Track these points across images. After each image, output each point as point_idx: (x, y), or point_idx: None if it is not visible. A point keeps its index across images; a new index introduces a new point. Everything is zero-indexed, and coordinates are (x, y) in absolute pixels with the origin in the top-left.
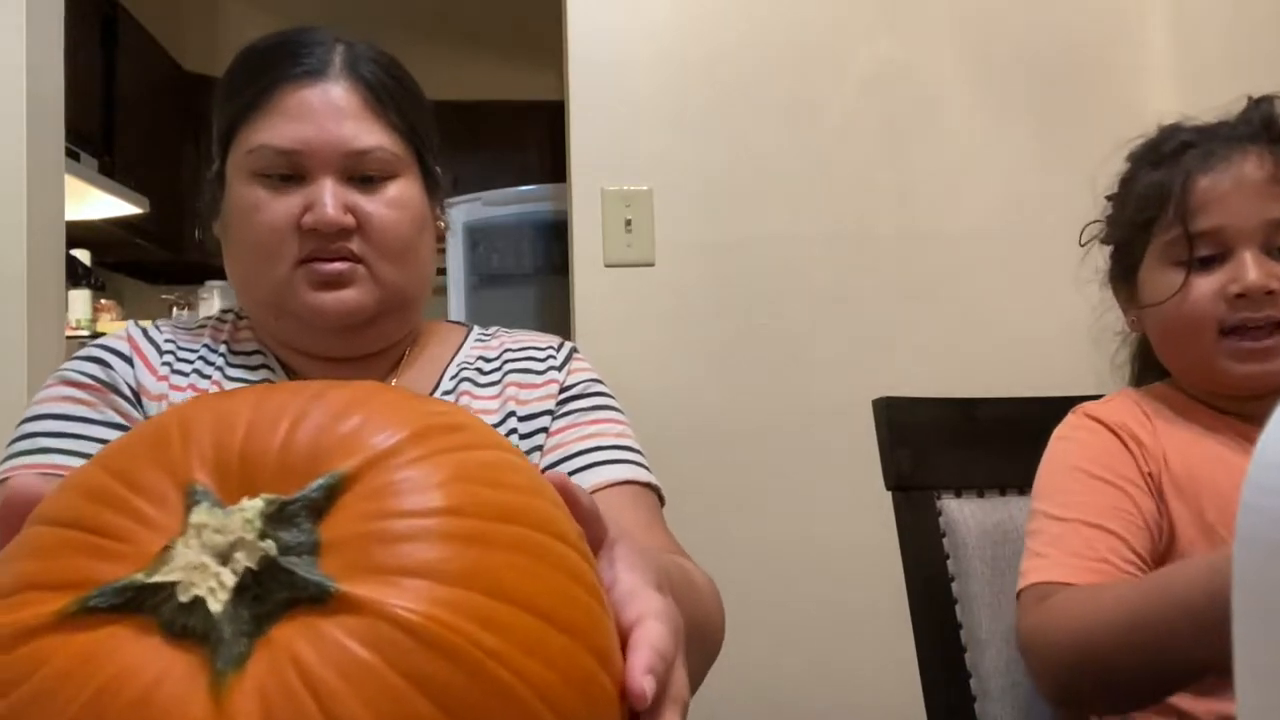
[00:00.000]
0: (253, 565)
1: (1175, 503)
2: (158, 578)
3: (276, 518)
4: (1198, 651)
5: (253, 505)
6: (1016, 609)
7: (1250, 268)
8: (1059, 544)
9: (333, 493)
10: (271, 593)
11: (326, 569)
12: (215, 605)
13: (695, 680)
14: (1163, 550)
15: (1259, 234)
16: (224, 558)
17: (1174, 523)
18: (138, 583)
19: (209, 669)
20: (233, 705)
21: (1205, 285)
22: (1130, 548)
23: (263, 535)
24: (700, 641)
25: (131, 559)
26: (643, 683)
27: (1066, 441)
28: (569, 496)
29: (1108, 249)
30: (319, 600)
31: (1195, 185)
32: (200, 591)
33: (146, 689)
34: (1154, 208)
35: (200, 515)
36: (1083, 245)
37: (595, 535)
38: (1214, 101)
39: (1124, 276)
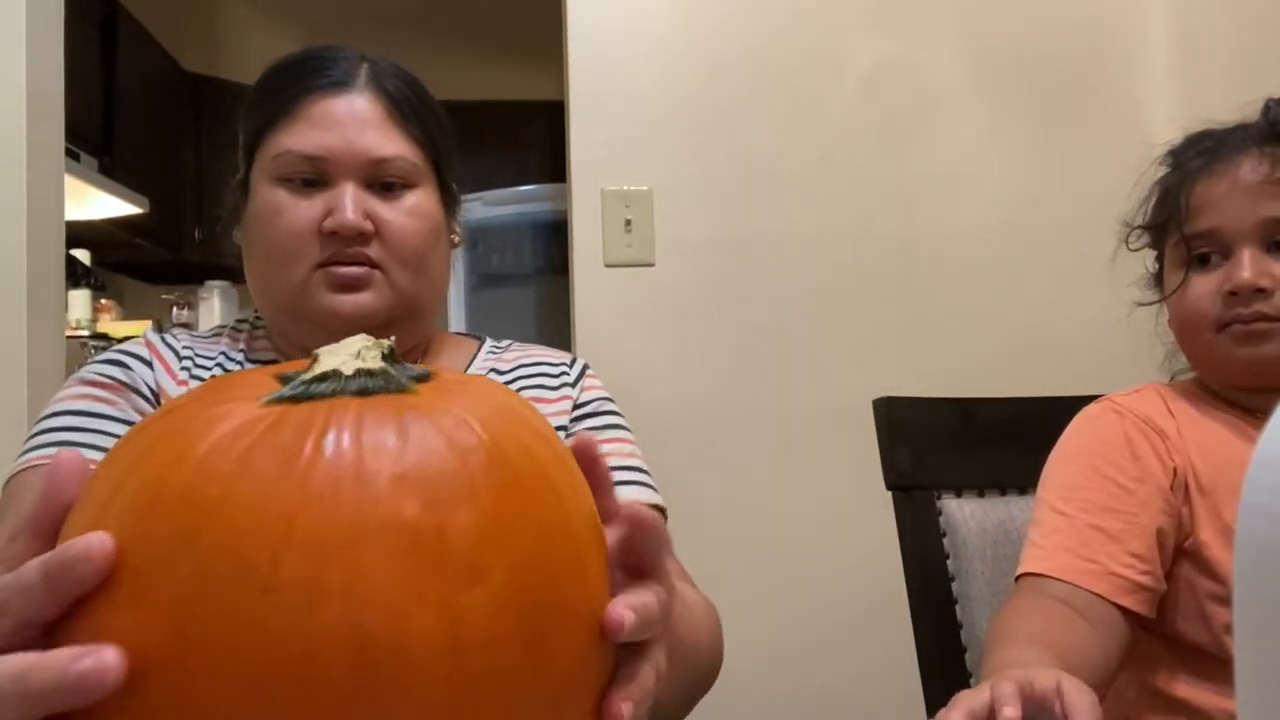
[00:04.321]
0: (377, 358)
1: (1197, 501)
2: (315, 370)
3: (388, 358)
4: None
5: (367, 344)
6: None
7: (1244, 266)
8: (1055, 536)
9: (422, 377)
10: (372, 382)
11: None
12: (346, 369)
13: (678, 701)
14: (1188, 548)
15: (1256, 232)
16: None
17: (1195, 522)
18: (304, 379)
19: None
20: (264, 409)
21: (1203, 284)
22: (1128, 550)
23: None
24: (684, 660)
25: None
26: (623, 613)
27: (1084, 432)
28: (591, 457)
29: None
30: (400, 392)
31: (1193, 189)
32: (336, 364)
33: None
34: (1164, 212)
35: (328, 349)
36: (1133, 250)
37: (606, 507)
38: (1214, 101)
39: (1157, 278)
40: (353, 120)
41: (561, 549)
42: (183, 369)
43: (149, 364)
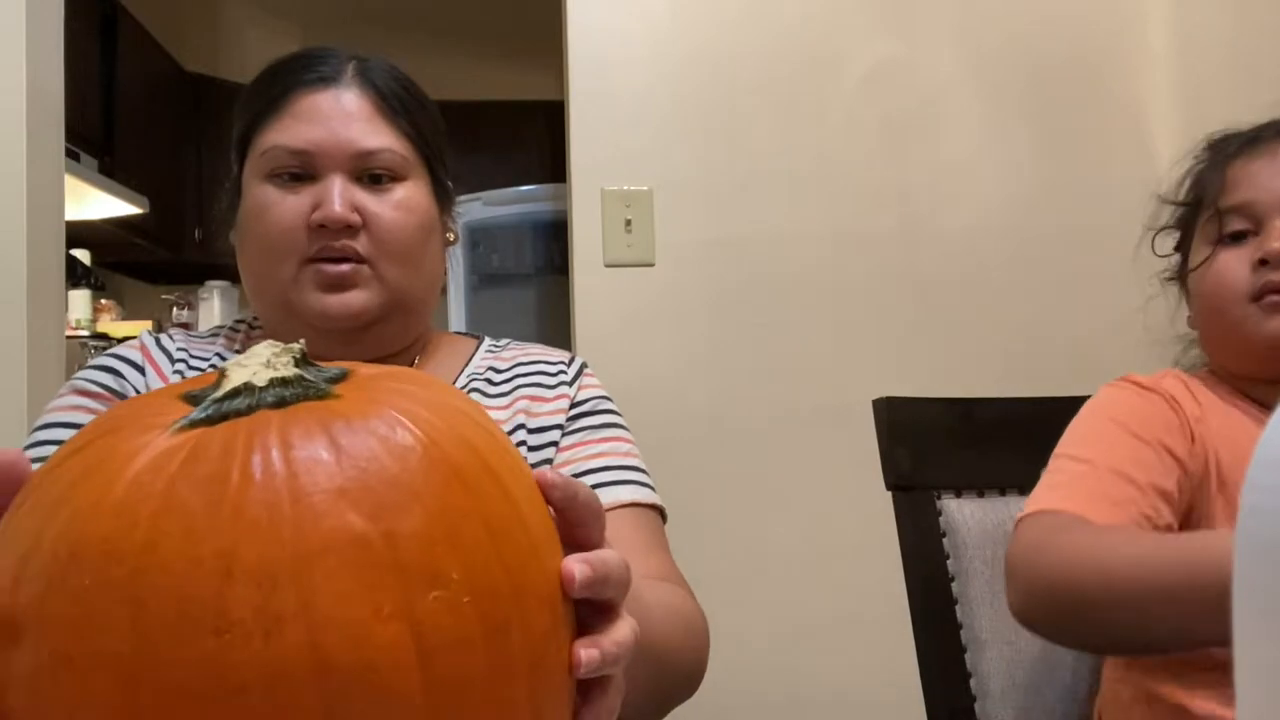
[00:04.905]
0: (290, 364)
1: (1215, 496)
2: (226, 387)
3: (300, 362)
4: (1206, 628)
5: (275, 350)
6: (1012, 534)
7: (1276, 235)
8: (1076, 482)
9: (338, 377)
10: (289, 391)
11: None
12: (258, 381)
13: (654, 703)
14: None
15: None
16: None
17: (1211, 519)
18: (215, 397)
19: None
20: (178, 436)
21: (1233, 257)
22: (1151, 503)
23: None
24: (655, 658)
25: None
26: (575, 567)
27: (1106, 399)
28: (566, 493)
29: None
30: (321, 398)
31: (1230, 166)
32: (248, 377)
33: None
34: (1196, 192)
35: (235, 360)
36: (1160, 255)
37: (591, 537)
38: (1214, 101)
39: (1181, 269)
40: (339, 114)
41: (513, 538)
42: (175, 372)
43: (141, 369)
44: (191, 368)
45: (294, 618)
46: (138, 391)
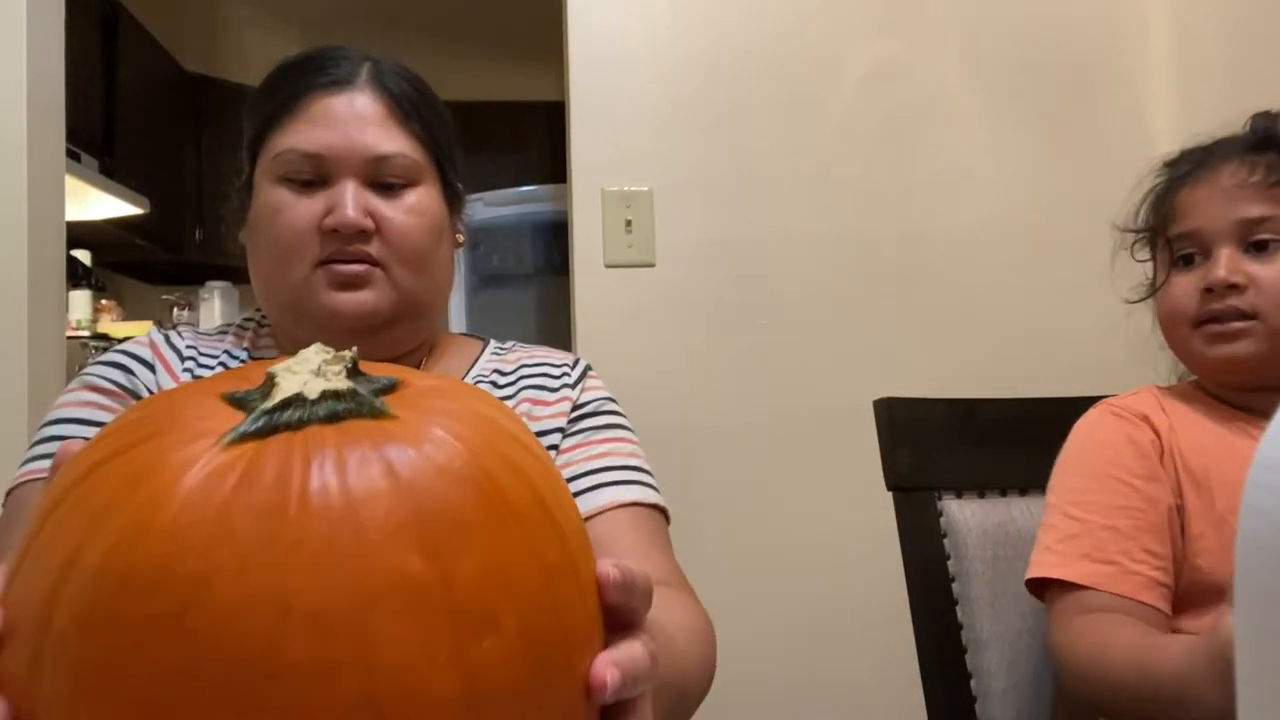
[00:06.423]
0: (342, 374)
1: (1190, 495)
2: (277, 397)
3: (351, 373)
4: (1182, 714)
5: (326, 357)
6: (1048, 613)
7: (1220, 265)
8: (1071, 543)
9: (388, 388)
10: (341, 406)
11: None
12: (310, 393)
13: None
14: (1184, 543)
15: (1233, 233)
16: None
17: (1187, 515)
18: (266, 408)
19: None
20: (228, 451)
21: (1183, 283)
22: (1141, 546)
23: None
24: (678, 694)
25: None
26: (605, 673)
27: (1088, 437)
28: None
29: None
30: (375, 416)
31: (1178, 194)
32: (299, 387)
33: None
34: (1152, 217)
35: (284, 366)
36: (1139, 261)
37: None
38: (1213, 103)
39: (1153, 282)
40: (353, 118)
41: (563, 578)
42: (184, 370)
43: (150, 366)
44: (201, 365)
45: (350, 663)
46: (149, 390)
